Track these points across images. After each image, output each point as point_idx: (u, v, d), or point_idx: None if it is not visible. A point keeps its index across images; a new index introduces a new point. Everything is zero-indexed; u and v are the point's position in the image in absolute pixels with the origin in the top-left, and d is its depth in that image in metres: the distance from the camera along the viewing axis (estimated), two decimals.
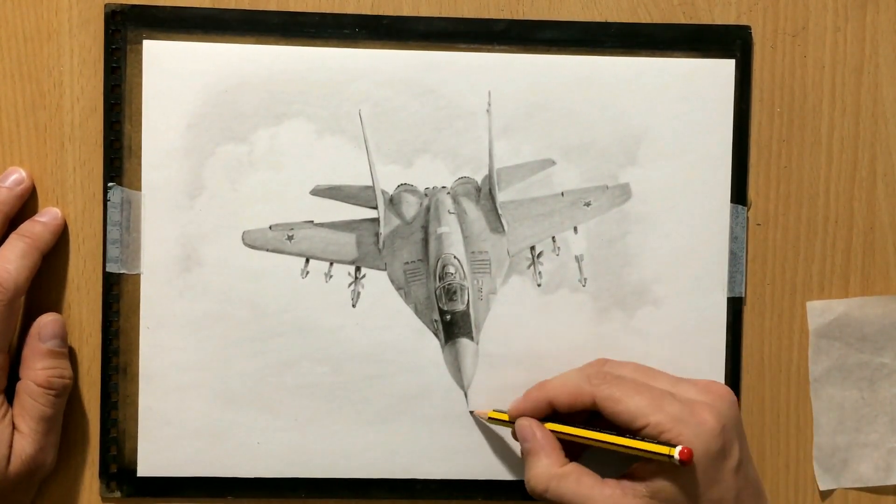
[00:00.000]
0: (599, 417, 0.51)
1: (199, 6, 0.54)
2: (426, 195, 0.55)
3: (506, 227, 0.56)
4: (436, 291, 0.55)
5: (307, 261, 0.55)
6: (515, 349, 0.55)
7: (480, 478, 0.56)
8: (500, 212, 0.55)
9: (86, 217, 0.54)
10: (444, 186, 0.55)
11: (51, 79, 0.54)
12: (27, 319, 0.53)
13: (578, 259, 0.56)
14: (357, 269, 0.55)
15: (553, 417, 0.53)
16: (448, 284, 0.55)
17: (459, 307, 0.55)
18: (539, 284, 0.55)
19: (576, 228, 0.56)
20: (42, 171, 0.54)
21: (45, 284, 0.54)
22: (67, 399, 0.53)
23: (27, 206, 0.54)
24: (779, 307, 0.57)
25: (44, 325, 0.53)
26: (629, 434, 0.49)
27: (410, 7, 0.55)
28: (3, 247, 0.52)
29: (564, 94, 0.55)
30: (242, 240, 0.54)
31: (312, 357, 0.55)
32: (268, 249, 0.55)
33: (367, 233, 0.55)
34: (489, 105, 0.55)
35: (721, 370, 0.56)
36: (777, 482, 0.57)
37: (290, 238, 0.55)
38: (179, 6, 0.54)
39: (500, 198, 0.55)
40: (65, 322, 0.53)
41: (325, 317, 0.55)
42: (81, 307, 0.54)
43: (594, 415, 0.51)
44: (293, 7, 0.55)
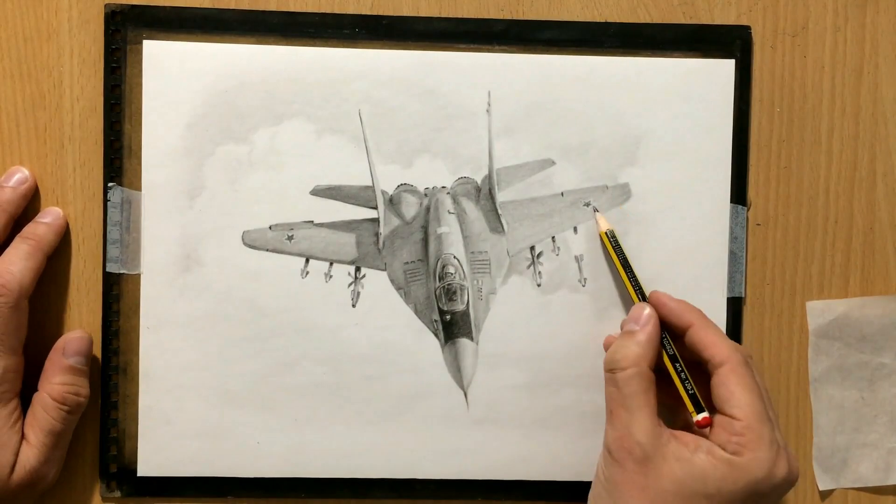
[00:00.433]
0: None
1: (199, 6, 0.54)
2: (426, 195, 0.55)
3: (505, 228, 0.56)
4: (436, 291, 0.55)
5: (307, 261, 0.55)
6: (515, 349, 0.55)
7: (480, 478, 0.56)
8: (500, 212, 0.55)
9: (86, 217, 0.54)
10: (444, 186, 0.55)
11: (51, 79, 0.54)
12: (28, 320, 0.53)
13: (578, 259, 0.56)
14: (357, 269, 0.55)
15: None
16: (448, 284, 0.55)
17: (459, 307, 0.55)
18: (539, 284, 0.55)
19: (576, 228, 0.56)
20: (42, 171, 0.54)
21: (46, 284, 0.54)
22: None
23: (28, 206, 0.54)
24: (779, 307, 0.57)
25: (70, 341, 0.53)
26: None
27: (410, 7, 0.55)
28: (8, 250, 0.52)
29: (564, 95, 0.55)
30: (242, 240, 0.55)
31: (312, 357, 0.55)
32: (268, 249, 0.55)
33: (367, 233, 0.55)
34: (489, 105, 0.55)
35: None
36: None
37: (290, 238, 0.55)
38: (179, 6, 0.54)
39: (500, 198, 0.55)
40: (92, 341, 0.53)
41: (325, 317, 0.55)
42: (81, 307, 0.54)
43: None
44: (293, 7, 0.55)
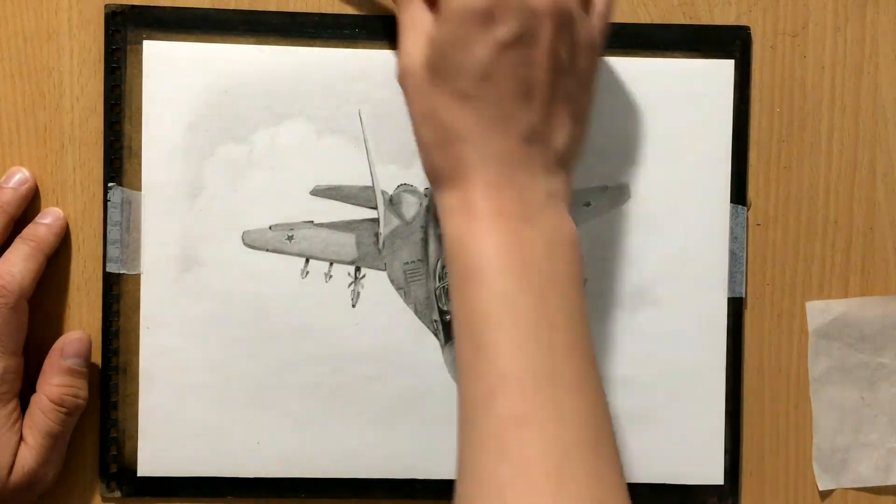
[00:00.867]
0: None
1: (199, 7, 0.54)
2: (426, 195, 0.55)
3: None
4: (436, 291, 0.55)
5: (307, 261, 0.55)
6: None
7: None
8: None
9: (86, 217, 0.54)
10: None
11: (51, 79, 0.54)
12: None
13: None
14: (357, 270, 0.55)
15: None
16: (448, 284, 0.55)
17: None
18: None
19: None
20: (42, 172, 0.54)
21: (46, 285, 0.54)
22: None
23: (28, 206, 0.54)
24: (779, 307, 0.57)
25: (68, 343, 0.53)
26: None
27: None
28: (8, 251, 0.52)
29: None
30: (242, 240, 0.55)
31: (312, 357, 0.55)
32: (268, 250, 0.55)
33: (367, 233, 0.55)
34: None
35: (722, 371, 0.56)
36: (776, 482, 0.57)
37: (290, 238, 0.55)
38: (179, 7, 0.54)
39: None
40: (91, 342, 0.53)
41: (325, 317, 0.55)
42: (81, 307, 0.54)
43: None
44: (293, 7, 0.55)
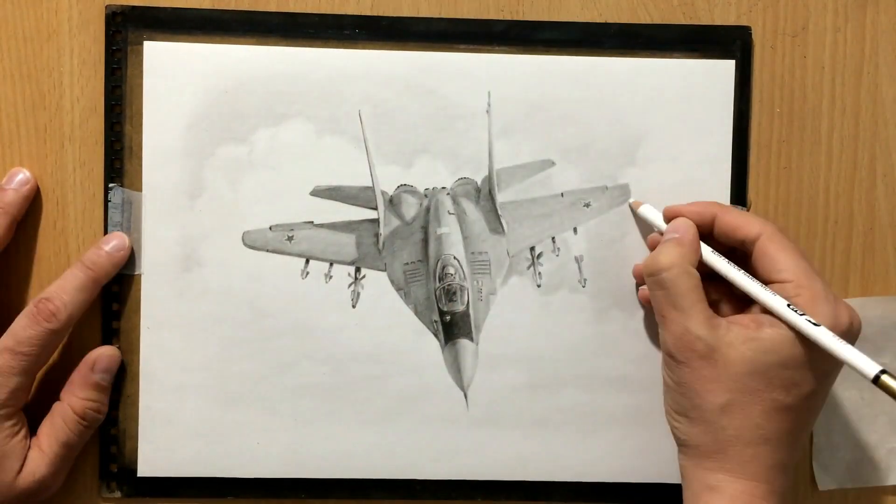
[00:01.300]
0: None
1: (200, 7, 0.54)
2: (426, 196, 0.55)
3: (505, 228, 0.56)
4: (435, 292, 0.55)
5: (307, 261, 0.55)
6: (515, 350, 0.55)
7: (480, 478, 0.56)
8: (500, 212, 0.55)
9: (86, 218, 0.54)
10: (444, 187, 0.55)
11: (51, 79, 0.54)
12: None
13: (578, 260, 0.56)
14: (357, 270, 0.55)
15: None
16: (448, 285, 0.55)
17: (459, 308, 0.55)
18: (539, 285, 0.55)
19: (575, 229, 0.56)
20: (42, 172, 0.54)
21: (46, 285, 0.54)
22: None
23: (29, 207, 0.54)
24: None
25: (99, 357, 0.53)
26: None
27: (410, 8, 0.55)
28: (65, 276, 0.52)
29: (564, 95, 0.55)
30: (242, 240, 0.55)
31: (312, 357, 0.55)
32: (268, 250, 0.55)
33: (367, 233, 0.55)
34: (489, 106, 0.55)
35: None
36: None
37: (290, 238, 0.55)
38: (180, 7, 0.54)
39: (500, 198, 0.55)
40: (121, 358, 0.54)
41: (325, 317, 0.55)
42: None
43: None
44: (293, 8, 0.55)
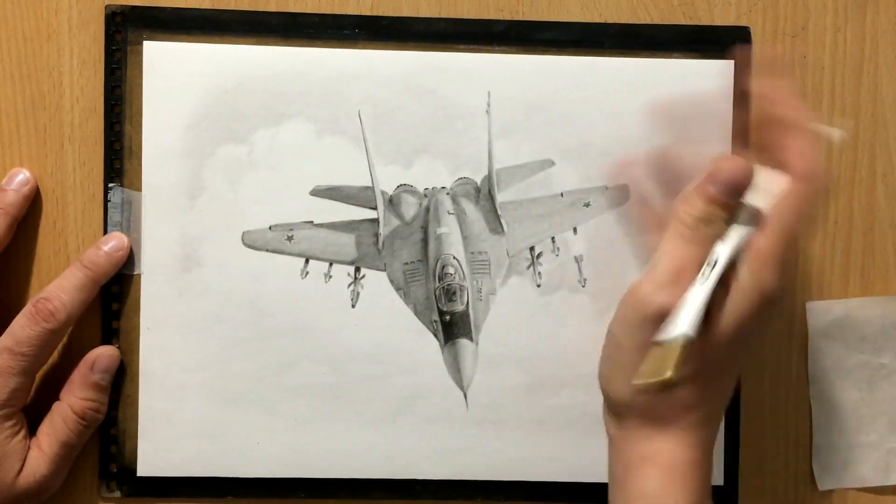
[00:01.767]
0: None
1: (200, 7, 0.54)
2: (426, 196, 0.55)
3: (505, 228, 0.56)
4: (435, 292, 0.55)
5: (307, 261, 0.55)
6: (515, 350, 0.55)
7: (480, 478, 0.56)
8: (500, 212, 0.55)
9: (86, 218, 0.54)
10: (444, 187, 0.55)
11: (51, 79, 0.54)
12: None
13: (578, 260, 0.56)
14: (356, 270, 0.55)
15: None
16: (447, 285, 0.55)
17: (459, 308, 0.55)
18: (538, 285, 0.55)
19: (575, 229, 0.56)
20: (42, 172, 0.54)
21: (46, 285, 0.53)
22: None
23: (29, 207, 0.54)
24: (779, 307, 0.57)
25: (99, 357, 0.53)
26: None
27: (410, 8, 0.55)
28: (64, 275, 0.52)
29: (564, 95, 0.55)
30: (242, 240, 0.55)
31: (312, 357, 0.55)
32: (267, 250, 0.55)
33: (367, 233, 0.55)
34: (488, 106, 0.55)
35: None
36: (776, 482, 0.57)
37: (290, 238, 0.55)
38: (180, 7, 0.54)
39: (500, 198, 0.55)
40: (120, 358, 0.54)
41: (325, 317, 0.55)
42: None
43: None
44: (293, 8, 0.55)
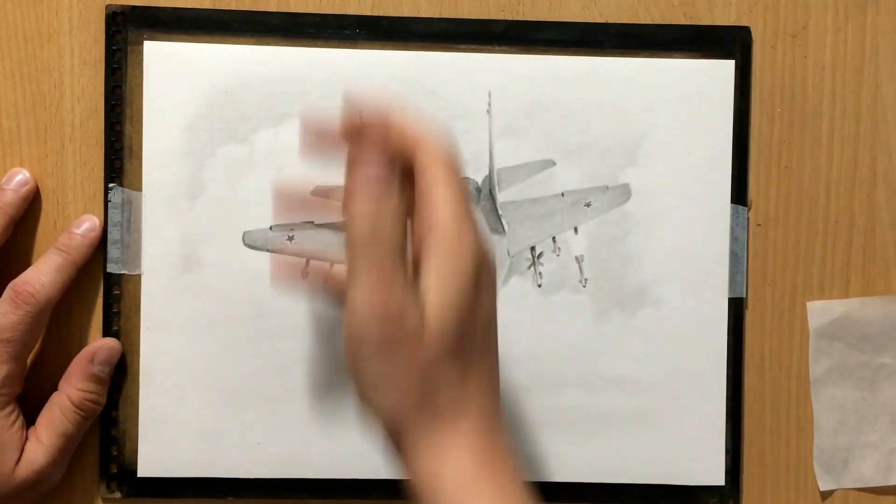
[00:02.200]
0: None
1: (200, 7, 0.54)
2: None
3: (506, 228, 0.56)
4: None
5: (307, 261, 0.55)
6: (515, 350, 0.55)
7: None
8: (501, 212, 0.55)
9: None
10: None
11: (51, 79, 0.54)
12: None
13: (579, 260, 0.56)
14: None
15: None
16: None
17: None
18: (539, 285, 0.55)
19: (576, 229, 0.56)
20: (42, 172, 0.54)
21: None
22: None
23: (28, 207, 0.54)
24: (779, 308, 0.57)
25: (99, 349, 0.53)
26: None
27: (410, 8, 0.55)
28: (41, 259, 0.52)
29: (564, 95, 0.55)
30: (243, 240, 0.54)
31: (312, 358, 0.55)
32: (268, 250, 0.55)
33: None
34: (489, 106, 0.55)
35: (723, 371, 0.56)
36: (777, 482, 0.57)
37: (291, 238, 0.55)
38: (180, 7, 0.54)
39: (501, 198, 0.55)
40: (121, 351, 0.54)
41: (325, 317, 0.55)
42: (82, 307, 0.54)
43: None
44: (293, 8, 0.55)
